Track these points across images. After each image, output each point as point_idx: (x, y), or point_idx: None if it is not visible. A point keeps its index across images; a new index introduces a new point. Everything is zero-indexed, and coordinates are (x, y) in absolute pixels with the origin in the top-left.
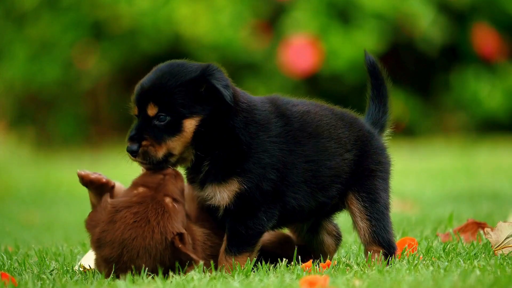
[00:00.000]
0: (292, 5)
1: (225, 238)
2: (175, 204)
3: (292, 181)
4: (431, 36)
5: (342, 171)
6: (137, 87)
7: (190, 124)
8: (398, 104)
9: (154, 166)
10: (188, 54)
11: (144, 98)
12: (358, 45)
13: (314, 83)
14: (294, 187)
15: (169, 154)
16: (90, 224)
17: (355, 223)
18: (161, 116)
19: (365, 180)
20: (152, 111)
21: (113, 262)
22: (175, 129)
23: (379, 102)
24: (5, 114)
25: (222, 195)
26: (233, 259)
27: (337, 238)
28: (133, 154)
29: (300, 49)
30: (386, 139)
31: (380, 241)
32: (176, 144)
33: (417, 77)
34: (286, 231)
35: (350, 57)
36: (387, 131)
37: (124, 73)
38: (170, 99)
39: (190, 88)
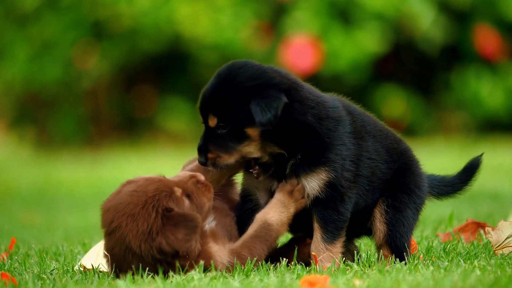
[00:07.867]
0: (293, 5)
1: (316, 228)
2: (185, 199)
3: (359, 173)
4: (432, 36)
5: (386, 179)
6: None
7: (253, 132)
8: (399, 104)
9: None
10: (188, 54)
11: (205, 108)
12: (359, 45)
13: (314, 83)
14: (359, 179)
15: (251, 158)
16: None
17: (374, 227)
18: (222, 125)
19: (397, 191)
20: (212, 122)
21: (105, 233)
22: (241, 136)
23: (446, 182)
24: (6, 114)
25: (311, 185)
26: (331, 247)
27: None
28: (205, 165)
29: (301, 49)
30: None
31: (392, 245)
32: (249, 149)
33: (418, 76)
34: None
35: (351, 57)
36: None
37: (124, 73)
38: (228, 108)
39: (243, 98)
